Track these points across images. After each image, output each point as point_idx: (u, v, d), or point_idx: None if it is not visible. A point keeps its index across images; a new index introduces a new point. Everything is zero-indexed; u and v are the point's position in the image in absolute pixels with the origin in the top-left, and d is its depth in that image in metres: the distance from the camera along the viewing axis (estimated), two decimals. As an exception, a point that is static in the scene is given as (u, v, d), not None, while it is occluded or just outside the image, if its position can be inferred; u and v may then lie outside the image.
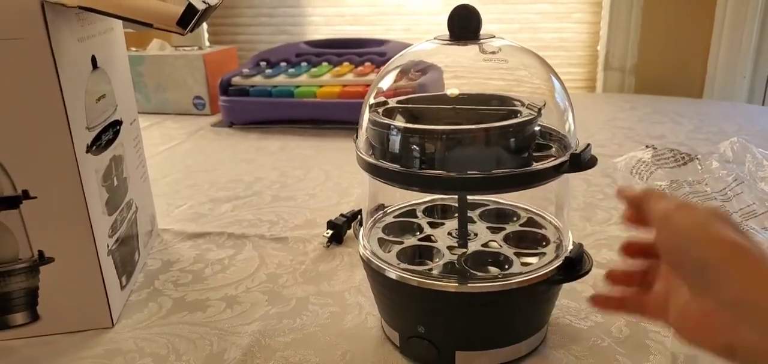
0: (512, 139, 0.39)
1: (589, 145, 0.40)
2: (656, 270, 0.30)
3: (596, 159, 0.40)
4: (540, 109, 0.41)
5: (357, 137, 0.44)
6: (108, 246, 0.48)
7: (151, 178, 0.84)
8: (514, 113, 0.41)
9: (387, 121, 0.40)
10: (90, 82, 0.47)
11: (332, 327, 0.48)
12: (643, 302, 0.30)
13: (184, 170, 0.90)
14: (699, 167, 0.72)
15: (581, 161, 0.39)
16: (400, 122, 0.41)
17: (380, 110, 0.43)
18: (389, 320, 0.45)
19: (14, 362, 0.44)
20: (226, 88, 1.14)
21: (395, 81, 0.45)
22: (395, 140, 0.40)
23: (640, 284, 0.31)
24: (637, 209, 0.30)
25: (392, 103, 0.44)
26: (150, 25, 0.43)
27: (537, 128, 0.40)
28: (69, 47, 0.43)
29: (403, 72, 0.46)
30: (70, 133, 0.42)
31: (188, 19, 0.46)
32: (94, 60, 0.48)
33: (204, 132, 1.12)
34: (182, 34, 0.46)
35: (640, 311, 0.31)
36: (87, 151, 0.45)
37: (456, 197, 0.48)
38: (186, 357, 0.44)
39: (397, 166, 0.39)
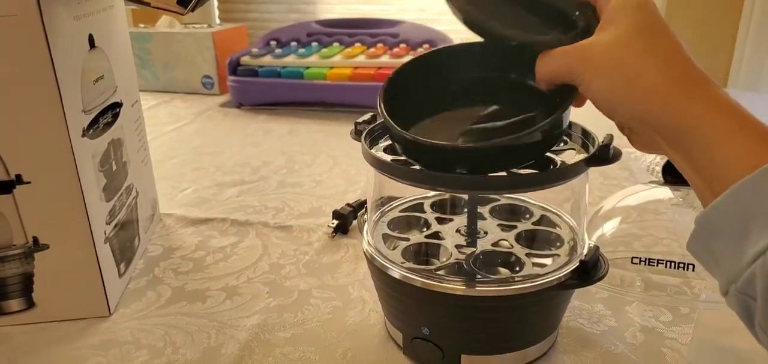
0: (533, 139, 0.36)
1: (611, 136, 0.38)
2: None
3: (620, 152, 0.38)
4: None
5: (357, 130, 0.42)
6: (105, 233, 0.47)
7: (157, 160, 0.83)
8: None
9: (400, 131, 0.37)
10: (87, 63, 0.45)
11: (334, 323, 0.46)
12: None
13: (191, 152, 0.88)
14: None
15: (608, 156, 0.37)
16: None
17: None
18: (392, 319, 0.43)
19: (9, 349, 0.43)
20: (235, 68, 1.12)
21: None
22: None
23: None
24: None
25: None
26: (147, 4, 0.41)
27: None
28: (63, 25, 0.41)
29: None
30: (64, 116, 0.41)
31: (189, -2, 0.43)
32: (91, 39, 0.46)
33: (212, 112, 1.11)
34: (182, 14, 0.44)
35: None
36: (83, 135, 0.44)
37: (466, 191, 0.45)
38: (182, 350, 0.43)
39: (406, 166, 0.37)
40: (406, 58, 1.07)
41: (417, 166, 0.37)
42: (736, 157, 0.26)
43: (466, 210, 0.45)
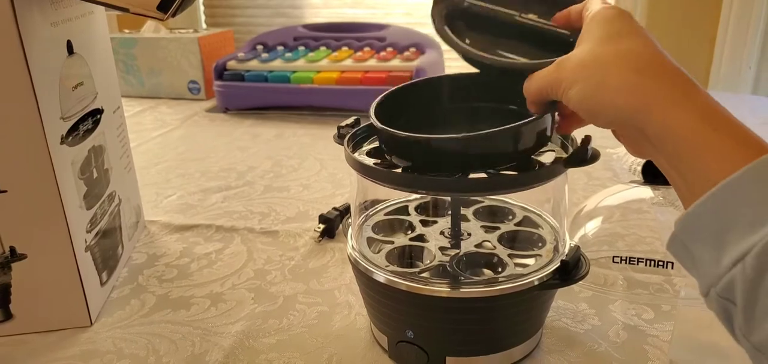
0: (512, 142, 0.36)
1: (589, 137, 0.38)
2: None
3: (599, 153, 0.38)
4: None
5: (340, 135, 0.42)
6: (86, 241, 0.46)
7: (142, 167, 0.82)
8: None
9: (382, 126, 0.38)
10: (65, 69, 0.45)
11: (320, 328, 0.46)
12: None
13: (176, 158, 0.88)
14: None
15: (586, 157, 0.37)
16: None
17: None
18: (378, 323, 0.43)
19: (-12, 362, 0.43)
20: (221, 72, 1.12)
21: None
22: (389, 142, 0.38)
23: None
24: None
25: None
26: (126, 10, 0.41)
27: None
28: (39, 32, 0.41)
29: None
30: (42, 123, 0.40)
31: (169, 3, 0.43)
32: (69, 45, 0.46)
33: (198, 118, 1.10)
34: (162, 20, 0.44)
35: None
36: (62, 143, 0.43)
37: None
38: (166, 359, 0.42)
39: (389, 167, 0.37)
40: (394, 62, 1.08)
41: (399, 169, 0.37)
42: (716, 161, 0.26)
43: (449, 212, 0.45)
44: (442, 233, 0.44)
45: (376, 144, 0.44)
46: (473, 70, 0.42)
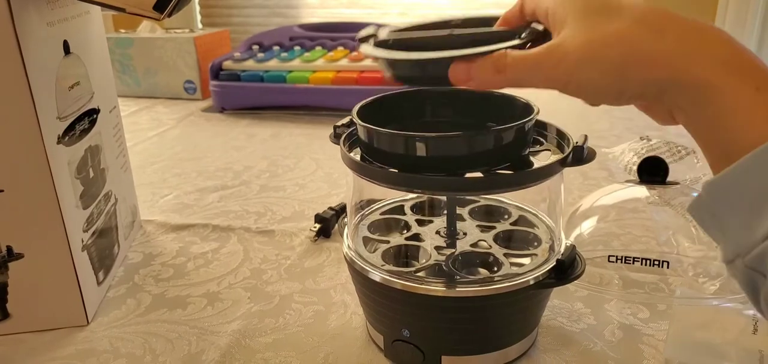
0: (507, 140, 0.37)
1: (585, 137, 0.39)
2: None
3: (594, 152, 0.38)
4: (536, 109, 0.39)
5: (336, 134, 0.42)
6: (83, 241, 0.46)
7: (138, 166, 0.82)
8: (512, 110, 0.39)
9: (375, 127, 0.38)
10: (61, 69, 0.45)
11: (316, 327, 0.46)
12: None
13: (172, 158, 0.88)
14: (696, 161, 0.70)
15: (582, 157, 0.37)
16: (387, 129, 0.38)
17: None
18: (374, 322, 0.43)
19: (-17, 361, 0.43)
20: (217, 72, 1.12)
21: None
22: (383, 139, 0.38)
23: None
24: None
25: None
26: (122, 10, 0.41)
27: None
28: (36, 31, 0.41)
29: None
30: (38, 123, 0.40)
31: (165, 3, 0.43)
32: (66, 45, 0.46)
33: (194, 118, 1.10)
34: (158, 19, 0.44)
35: None
36: (58, 143, 0.43)
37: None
38: (162, 358, 0.43)
39: (385, 166, 0.37)
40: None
41: (394, 169, 0.37)
42: (752, 123, 0.24)
43: (445, 212, 0.46)
44: (437, 232, 0.45)
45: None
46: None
